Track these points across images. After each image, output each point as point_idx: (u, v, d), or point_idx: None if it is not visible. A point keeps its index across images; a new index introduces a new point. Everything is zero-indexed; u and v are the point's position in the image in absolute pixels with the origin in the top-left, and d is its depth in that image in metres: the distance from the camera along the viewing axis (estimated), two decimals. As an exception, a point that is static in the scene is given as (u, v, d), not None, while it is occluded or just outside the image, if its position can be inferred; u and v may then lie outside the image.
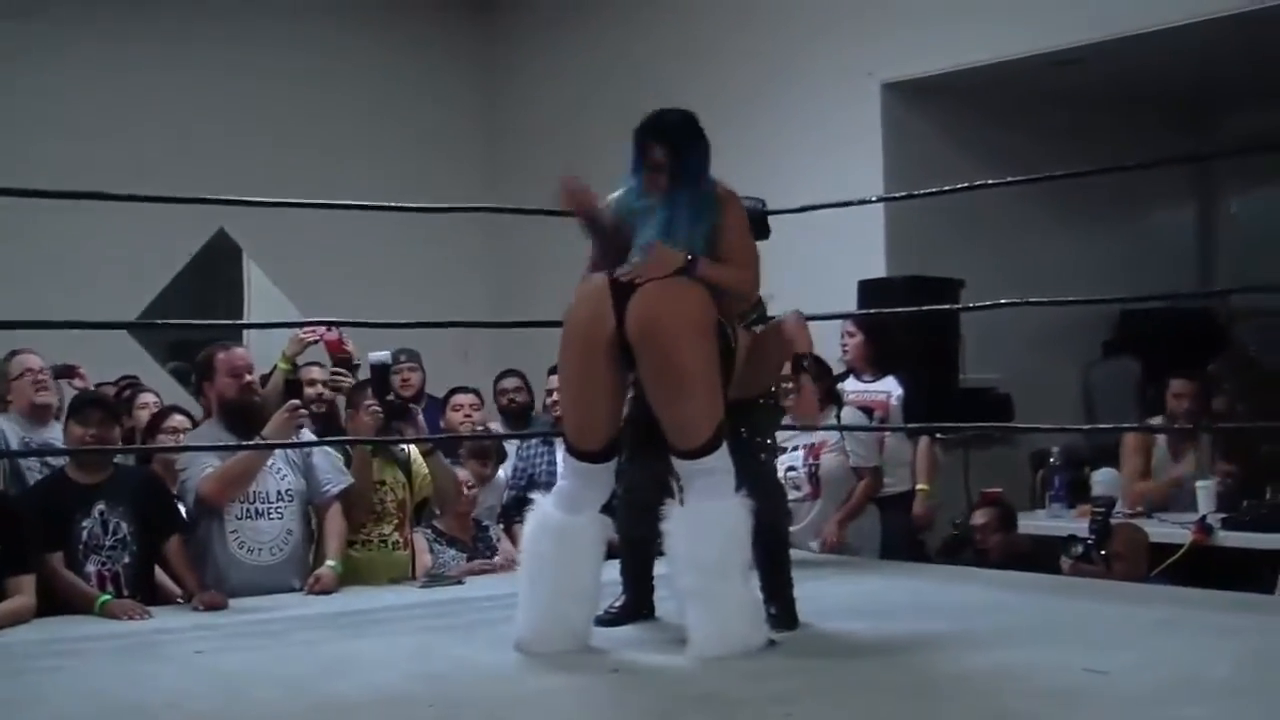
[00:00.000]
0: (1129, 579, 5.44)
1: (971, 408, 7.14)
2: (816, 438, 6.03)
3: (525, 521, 4.03)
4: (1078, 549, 5.63)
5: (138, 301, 8.68)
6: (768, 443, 4.33)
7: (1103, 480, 6.40)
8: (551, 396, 6.19)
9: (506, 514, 5.86)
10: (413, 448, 5.50)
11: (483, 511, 5.77)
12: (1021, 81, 7.85)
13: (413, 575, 5.32)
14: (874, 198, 6.74)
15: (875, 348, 6.69)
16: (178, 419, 5.46)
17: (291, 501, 5.06)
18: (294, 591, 4.97)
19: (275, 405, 5.11)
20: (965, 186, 5.51)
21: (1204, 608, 4.53)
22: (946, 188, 5.58)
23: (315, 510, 5.17)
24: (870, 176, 7.70)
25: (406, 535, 5.39)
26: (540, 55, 9.86)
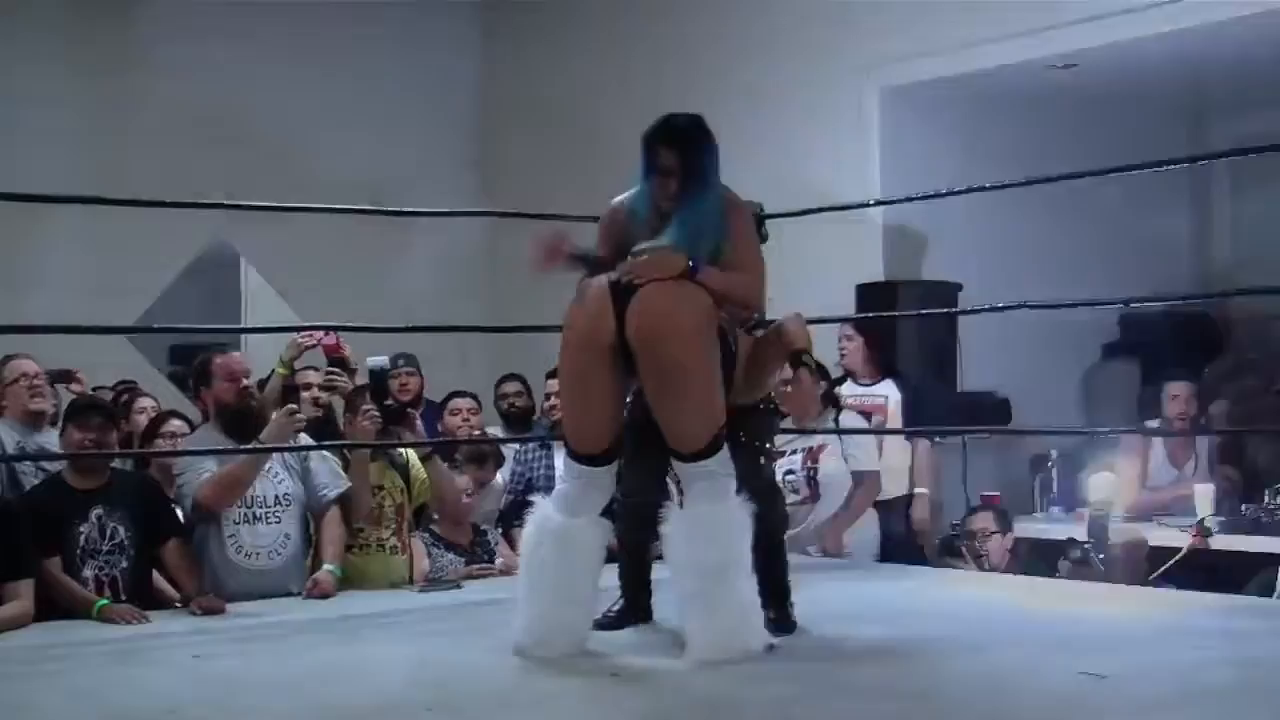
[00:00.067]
0: (1127, 582, 5.44)
1: (970, 411, 7.15)
2: (815, 441, 6.03)
3: (525, 524, 4.03)
4: (1076, 552, 5.64)
5: (136, 306, 8.68)
6: (767, 446, 4.33)
7: (1101, 484, 6.40)
8: (550, 400, 6.19)
9: (505, 518, 5.86)
10: (411, 452, 5.50)
11: (481, 516, 5.77)
12: (1019, 85, 7.84)
13: (411, 579, 5.32)
14: (872, 201, 6.73)
15: (874, 351, 6.70)
16: (175, 424, 5.45)
17: (289, 506, 5.05)
18: (292, 596, 4.96)
19: (273, 410, 5.11)
20: (963, 190, 5.51)
21: (1202, 611, 4.52)
22: (944, 191, 5.58)
23: (313, 515, 5.16)
24: (868, 180, 7.70)
25: (405, 539, 5.38)
26: (539, 58, 9.86)
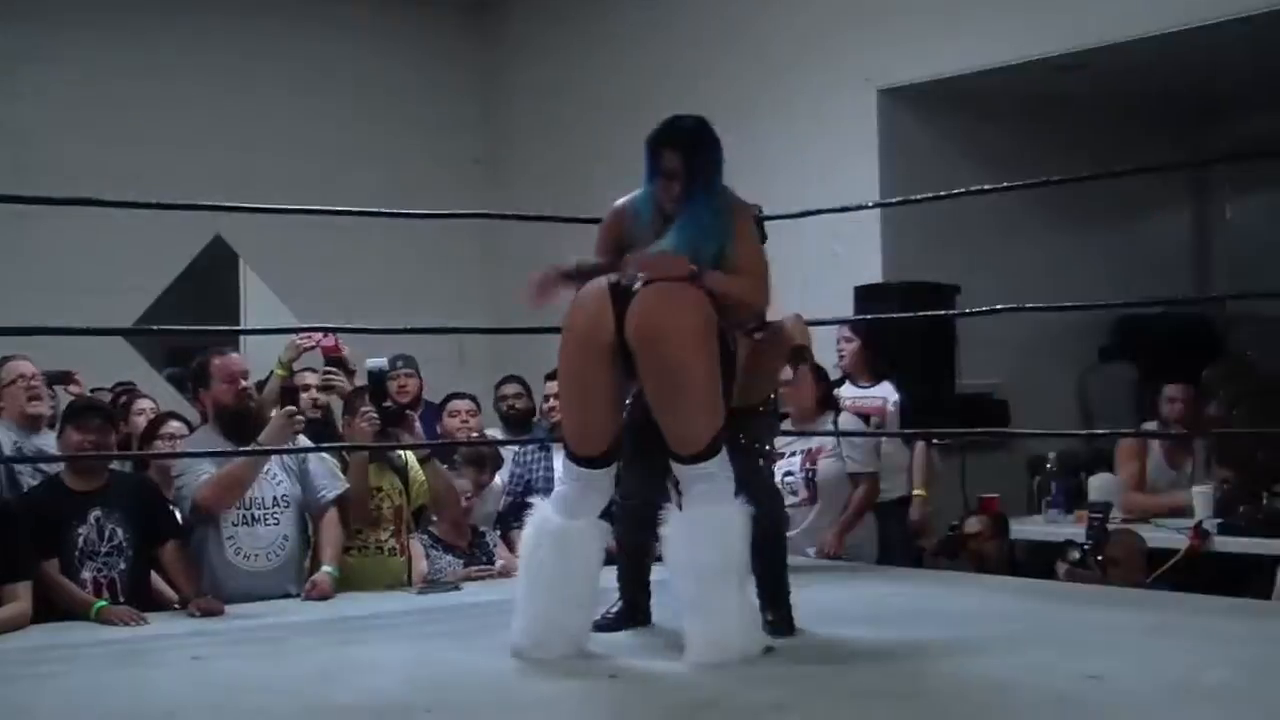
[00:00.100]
0: (1125, 584, 5.44)
1: (968, 413, 7.15)
2: (814, 443, 6.02)
3: (524, 526, 4.03)
4: (1074, 554, 5.63)
5: (135, 307, 8.68)
6: (766, 449, 4.33)
7: (1099, 486, 6.40)
8: (549, 402, 6.19)
9: (504, 520, 5.85)
10: (409, 454, 5.50)
11: (480, 518, 5.77)
12: (1018, 87, 7.86)
13: (409, 581, 5.31)
14: (870, 203, 6.73)
15: (872, 353, 6.70)
16: (174, 425, 5.44)
17: (288, 507, 5.05)
18: (291, 597, 4.96)
19: (272, 411, 5.11)
20: (962, 192, 5.51)
21: (1200, 613, 4.53)
22: (943, 193, 5.58)
23: (311, 516, 5.16)
24: (867, 182, 7.70)
25: (403, 541, 5.38)
26: (538, 62, 9.87)
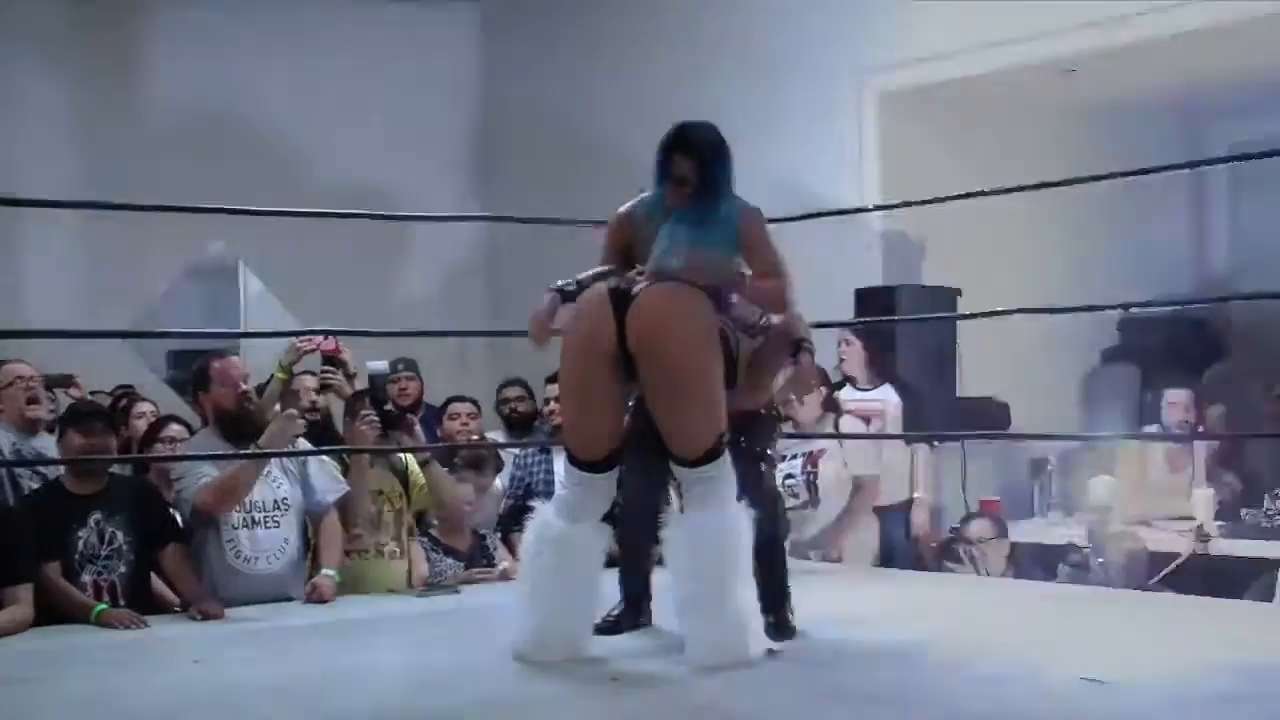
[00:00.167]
0: (1126, 587, 5.45)
1: (969, 416, 7.14)
2: (815, 446, 6.03)
3: (525, 530, 4.03)
4: (1075, 557, 5.64)
5: (135, 311, 8.69)
6: (768, 452, 4.33)
7: (1101, 489, 6.40)
8: (550, 405, 6.19)
9: (504, 523, 5.85)
10: (410, 457, 5.50)
11: (481, 521, 5.76)
12: (1018, 90, 7.86)
13: (410, 584, 5.31)
14: (871, 206, 6.74)
15: (873, 356, 6.70)
16: (175, 429, 5.44)
17: (288, 511, 5.05)
18: (291, 601, 4.96)
19: (272, 414, 5.11)
20: (962, 194, 5.51)
21: (1201, 616, 4.53)
22: (943, 196, 5.58)
23: (312, 519, 5.16)
24: (867, 184, 7.70)
25: (403, 544, 5.38)
26: (539, 62, 9.87)
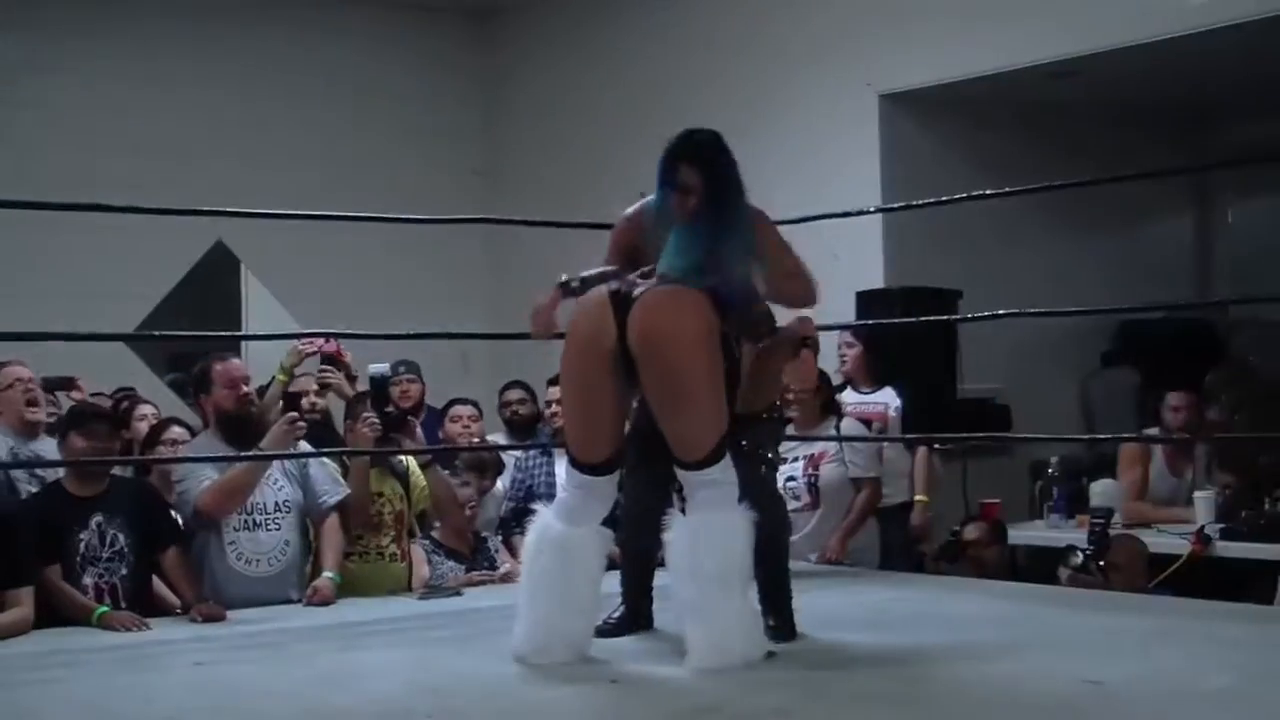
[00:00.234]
0: (1127, 589, 5.44)
1: (970, 418, 7.13)
2: (816, 448, 6.02)
3: (526, 532, 4.03)
4: (1076, 559, 5.63)
5: (136, 313, 8.69)
6: (769, 455, 4.33)
7: (1101, 491, 6.40)
8: (551, 408, 6.19)
9: (505, 525, 5.86)
10: (411, 459, 5.50)
11: (482, 523, 5.77)
12: (1019, 92, 7.86)
13: (410, 587, 5.31)
14: (872, 208, 6.73)
15: (873, 358, 6.69)
16: (176, 431, 5.45)
17: (289, 513, 5.05)
18: (292, 603, 4.97)
19: (274, 417, 5.11)
20: (963, 197, 5.51)
21: (1202, 618, 4.52)
22: (944, 198, 5.58)
23: (313, 522, 5.17)
24: (868, 187, 7.70)
25: (404, 547, 5.38)
26: (539, 67, 9.87)
